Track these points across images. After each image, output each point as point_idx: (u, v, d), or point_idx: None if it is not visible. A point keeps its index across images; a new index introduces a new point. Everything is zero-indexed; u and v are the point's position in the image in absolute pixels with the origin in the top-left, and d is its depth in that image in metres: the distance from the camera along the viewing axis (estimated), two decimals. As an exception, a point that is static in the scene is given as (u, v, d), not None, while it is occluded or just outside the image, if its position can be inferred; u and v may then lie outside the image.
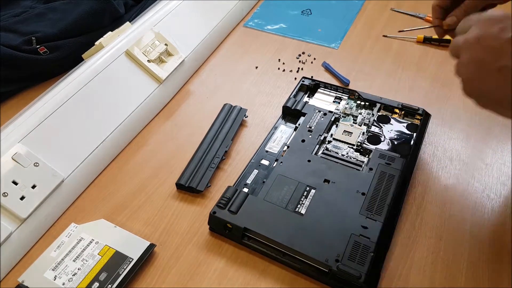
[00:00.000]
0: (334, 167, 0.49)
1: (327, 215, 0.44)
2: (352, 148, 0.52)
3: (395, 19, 0.76)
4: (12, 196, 0.45)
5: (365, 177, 0.48)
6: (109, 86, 0.57)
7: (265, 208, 0.45)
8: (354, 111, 0.56)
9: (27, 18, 0.67)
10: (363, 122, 0.55)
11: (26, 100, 0.62)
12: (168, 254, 0.45)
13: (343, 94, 0.59)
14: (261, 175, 0.50)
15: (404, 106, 0.55)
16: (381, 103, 0.56)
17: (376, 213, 0.44)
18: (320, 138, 0.53)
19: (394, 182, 0.47)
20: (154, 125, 0.60)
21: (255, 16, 0.80)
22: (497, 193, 0.49)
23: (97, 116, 0.55)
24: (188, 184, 0.50)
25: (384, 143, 0.52)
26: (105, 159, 0.55)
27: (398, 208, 0.47)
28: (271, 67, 0.69)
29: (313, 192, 0.46)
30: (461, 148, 0.54)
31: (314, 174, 0.48)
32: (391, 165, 0.49)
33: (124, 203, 0.50)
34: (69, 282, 0.42)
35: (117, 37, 0.62)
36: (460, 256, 0.43)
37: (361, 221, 0.43)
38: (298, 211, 0.45)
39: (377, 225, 0.43)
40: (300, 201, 0.46)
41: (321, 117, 0.55)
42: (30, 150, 0.47)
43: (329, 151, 0.51)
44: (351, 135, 0.53)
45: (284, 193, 0.47)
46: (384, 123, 0.54)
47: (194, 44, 0.69)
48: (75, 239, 0.45)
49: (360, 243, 0.41)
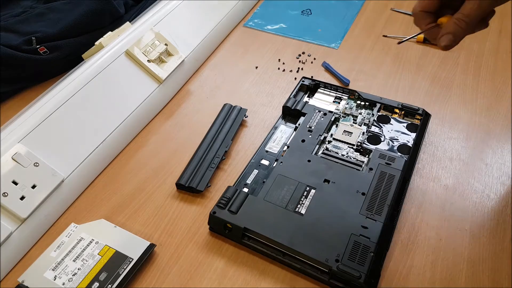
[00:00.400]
0: (334, 167, 0.49)
1: (327, 215, 0.44)
2: (352, 148, 0.52)
3: (395, 19, 0.76)
4: (12, 196, 0.45)
5: (365, 177, 0.48)
6: (109, 86, 0.57)
7: (265, 208, 0.45)
8: (354, 111, 0.56)
9: (27, 18, 0.67)
10: (363, 122, 0.55)
11: (26, 100, 0.62)
12: (168, 254, 0.45)
13: (343, 94, 0.59)
14: (261, 175, 0.50)
15: (404, 106, 0.55)
16: (381, 103, 0.56)
17: (376, 213, 0.44)
18: (320, 138, 0.53)
19: (394, 182, 0.47)
20: (154, 125, 0.60)
21: (255, 16, 0.80)
22: (497, 193, 0.49)
23: (97, 116, 0.55)
24: (188, 184, 0.50)
25: (384, 143, 0.52)
26: (105, 159, 0.55)
27: (398, 208, 0.47)
28: (271, 67, 0.68)
29: (313, 192, 0.46)
30: (461, 148, 0.54)
31: (314, 174, 0.48)
32: (391, 165, 0.49)
33: (124, 203, 0.50)
34: (69, 282, 0.42)
35: (117, 37, 0.62)
36: (460, 256, 0.43)
37: (361, 221, 0.43)
38: (298, 211, 0.45)
39: (377, 225, 0.43)
40: (300, 201, 0.46)
41: (321, 117, 0.55)
42: (30, 150, 0.47)
43: (329, 151, 0.51)
44: (351, 135, 0.53)
45: (284, 193, 0.47)
46: (384, 123, 0.54)
47: (194, 44, 0.69)
48: (75, 239, 0.45)
49: (360, 243, 0.41)
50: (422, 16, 0.39)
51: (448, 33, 0.36)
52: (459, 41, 0.37)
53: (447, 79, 0.63)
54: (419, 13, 0.39)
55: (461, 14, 0.36)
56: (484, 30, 0.38)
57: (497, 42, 0.69)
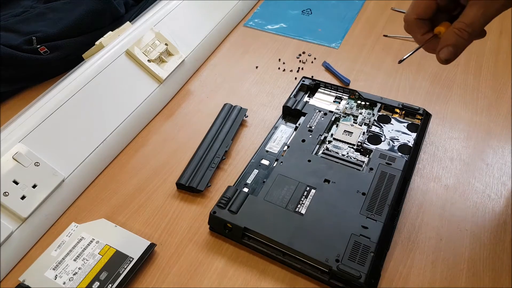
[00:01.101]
0: (335, 167, 0.49)
1: (327, 215, 0.44)
2: (352, 148, 0.52)
3: (396, 19, 0.76)
4: (12, 195, 0.45)
5: (366, 177, 0.47)
6: (109, 86, 0.57)
7: (265, 208, 0.45)
8: (354, 111, 0.56)
9: (28, 18, 0.67)
10: (363, 122, 0.55)
11: (26, 100, 0.62)
12: (168, 253, 0.45)
13: (344, 94, 0.59)
14: (261, 175, 0.50)
15: (405, 106, 0.55)
16: (382, 103, 0.56)
17: (377, 213, 0.44)
18: (320, 138, 0.53)
19: (394, 182, 0.47)
20: (154, 125, 0.60)
21: (255, 16, 0.80)
22: (498, 193, 0.49)
23: (98, 115, 0.55)
24: (188, 183, 0.50)
25: (385, 143, 0.52)
26: (105, 158, 0.55)
27: (399, 208, 0.47)
28: (271, 67, 0.68)
29: (313, 192, 0.46)
30: (462, 148, 0.54)
31: (314, 174, 0.48)
32: (392, 165, 0.48)
33: (125, 202, 0.50)
34: (70, 281, 0.42)
35: (117, 37, 0.62)
36: (460, 256, 0.43)
37: (362, 221, 0.43)
38: (298, 211, 0.45)
39: (378, 225, 0.43)
40: (300, 201, 0.46)
41: (321, 117, 0.55)
42: (30, 150, 0.47)
43: (329, 151, 0.51)
44: (351, 135, 0.53)
45: (284, 193, 0.47)
46: (385, 123, 0.54)
47: (194, 44, 0.69)
48: (75, 238, 0.45)
49: (361, 243, 0.41)
50: (416, 24, 0.35)
51: (448, 45, 0.33)
52: (461, 53, 0.33)
53: (448, 79, 0.63)
54: (414, 21, 0.34)
55: (463, 23, 0.32)
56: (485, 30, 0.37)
57: (498, 42, 0.69)
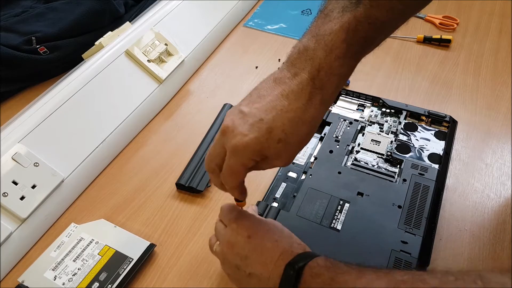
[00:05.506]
0: (366, 179, 0.47)
1: (364, 231, 0.42)
2: (381, 158, 0.50)
3: (395, 19, 0.76)
4: (12, 196, 0.45)
5: (400, 189, 0.46)
6: (109, 86, 0.57)
7: (299, 224, 0.43)
8: (379, 119, 0.55)
9: (27, 18, 0.67)
10: (390, 130, 0.53)
11: (26, 100, 0.62)
12: (168, 254, 0.45)
13: (366, 101, 0.58)
14: (290, 188, 0.49)
15: (431, 113, 0.54)
16: (407, 110, 0.55)
17: (415, 227, 0.42)
18: (348, 148, 0.51)
19: (429, 193, 0.45)
20: (154, 125, 0.60)
21: (255, 16, 0.80)
22: (497, 193, 0.49)
23: (97, 116, 0.55)
24: (188, 184, 0.50)
25: (414, 152, 0.50)
26: (105, 159, 0.55)
27: (435, 221, 0.44)
28: (271, 67, 0.68)
29: (347, 206, 0.45)
30: (461, 148, 0.54)
31: (346, 186, 0.46)
32: (425, 175, 0.47)
33: (124, 203, 0.50)
34: (69, 282, 0.42)
35: (117, 37, 0.62)
36: (460, 256, 0.43)
37: (400, 235, 0.42)
38: (334, 226, 0.43)
39: (417, 240, 0.41)
40: (335, 215, 0.44)
41: (347, 126, 0.54)
42: (30, 150, 0.47)
43: (358, 162, 0.50)
44: (379, 144, 0.51)
45: (317, 207, 0.45)
46: (412, 131, 0.53)
47: (194, 44, 0.69)
48: (75, 239, 0.45)
49: (402, 259, 0.40)
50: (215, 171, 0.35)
51: None
52: None
53: (447, 79, 0.63)
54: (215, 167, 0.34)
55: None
56: (484, 30, 0.37)
57: (497, 42, 0.69)
